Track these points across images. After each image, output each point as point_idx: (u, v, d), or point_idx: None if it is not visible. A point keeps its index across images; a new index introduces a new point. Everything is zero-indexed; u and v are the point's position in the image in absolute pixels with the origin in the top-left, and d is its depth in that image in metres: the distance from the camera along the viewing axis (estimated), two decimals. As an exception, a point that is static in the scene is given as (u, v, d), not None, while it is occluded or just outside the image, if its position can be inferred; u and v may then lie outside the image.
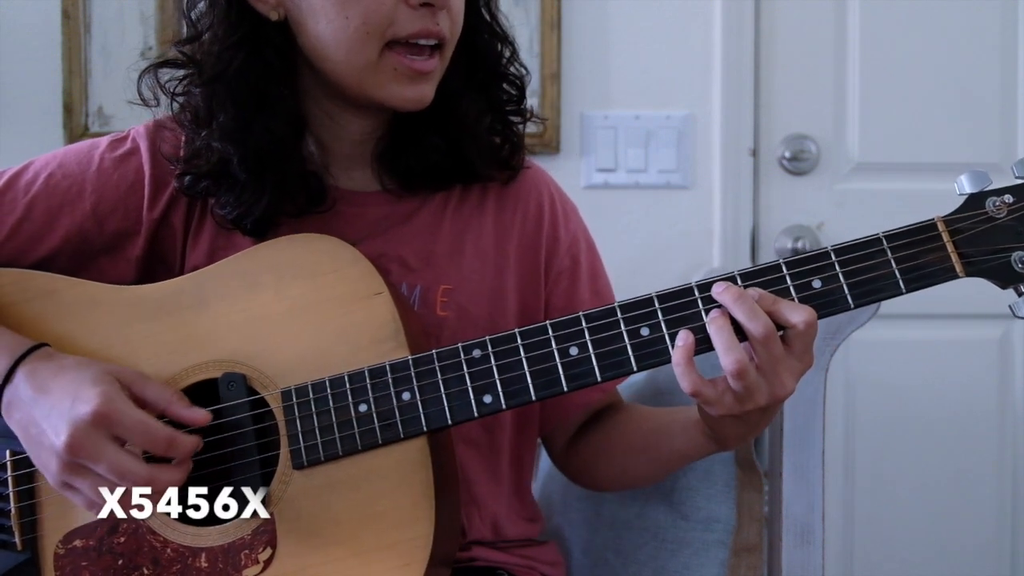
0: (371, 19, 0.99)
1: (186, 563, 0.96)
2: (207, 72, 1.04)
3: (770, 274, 0.91)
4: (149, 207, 1.08)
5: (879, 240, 0.90)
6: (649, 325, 0.91)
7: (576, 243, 1.18)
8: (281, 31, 1.04)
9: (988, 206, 0.89)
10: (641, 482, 1.23)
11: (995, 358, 2.07)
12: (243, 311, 1.00)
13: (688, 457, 1.11)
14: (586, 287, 1.17)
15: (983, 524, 2.08)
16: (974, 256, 0.89)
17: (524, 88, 1.15)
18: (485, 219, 1.14)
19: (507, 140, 1.14)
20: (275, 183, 1.04)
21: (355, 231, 1.05)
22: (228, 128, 1.03)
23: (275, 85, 1.05)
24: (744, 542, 1.28)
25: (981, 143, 2.03)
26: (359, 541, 0.93)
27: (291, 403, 0.96)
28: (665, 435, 1.11)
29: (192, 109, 1.06)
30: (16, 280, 1.04)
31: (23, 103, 1.92)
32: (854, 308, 0.90)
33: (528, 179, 1.18)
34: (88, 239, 1.07)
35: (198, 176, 1.06)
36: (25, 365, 0.95)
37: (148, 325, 1.01)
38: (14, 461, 1.00)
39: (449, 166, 1.12)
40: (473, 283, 1.11)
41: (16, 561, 0.99)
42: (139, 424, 0.89)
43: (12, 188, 1.08)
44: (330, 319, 0.98)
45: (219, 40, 1.03)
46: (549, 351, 0.93)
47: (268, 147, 1.04)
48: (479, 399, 0.94)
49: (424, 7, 1.00)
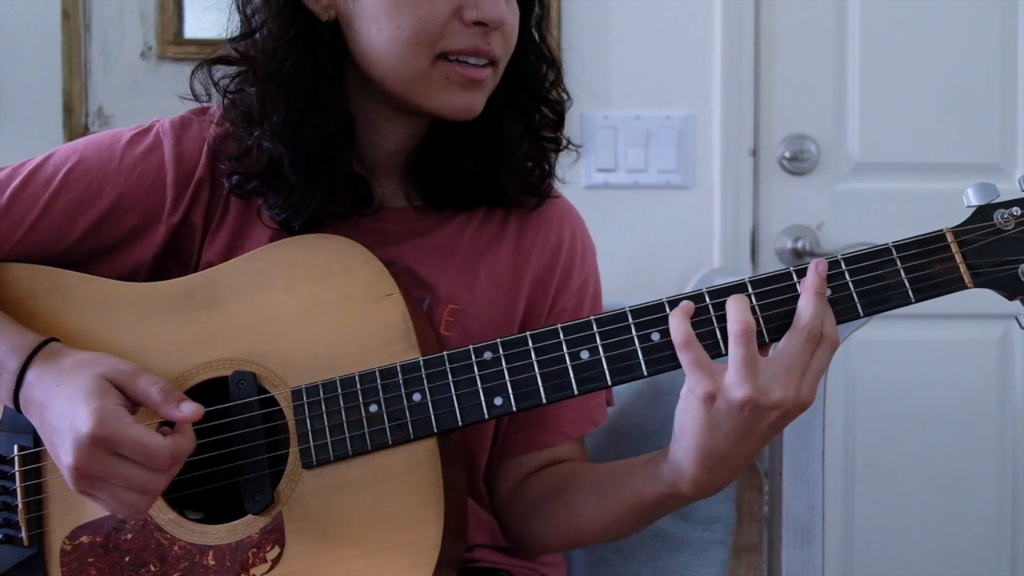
0: (423, 31, 0.98)
1: (193, 561, 0.96)
2: (261, 70, 1.02)
3: (781, 281, 0.91)
4: (171, 210, 1.07)
5: (889, 250, 0.90)
6: (660, 330, 0.92)
7: (586, 286, 1.17)
8: (332, 32, 1.03)
9: (996, 218, 0.89)
10: (588, 531, 1.07)
11: (995, 358, 2.07)
12: (254, 310, 0.99)
13: (642, 497, 1.00)
14: None
15: (983, 524, 2.08)
16: (982, 267, 0.89)
17: (563, 114, 1.14)
18: (504, 245, 1.13)
19: (539, 166, 1.13)
20: (325, 185, 1.04)
21: (368, 239, 1.04)
22: (280, 128, 1.02)
23: (326, 86, 1.04)
24: (744, 542, 1.28)
25: (981, 143, 2.03)
26: (367, 541, 0.93)
27: (301, 402, 0.96)
28: (624, 469, 1.04)
29: (244, 108, 1.04)
30: (29, 275, 1.04)
31: (23, 103, 1.92)
32: (863, 317, 0.90)
33: (553, 211, 1.16)
34: (105, 235, 1.07)
35: (247, 176, 1.05)
36: (33, 368, 0.95)
37: (159, 322, 1.01)
38: (22, 456, 1.00)
39: (479, 188, 1.11)
40: (483, 308, 1.10)
41: (23, 556, 0.99)
42: (138, 447, 0.88)
43: (32, 183, 1.06)
44: (341, 319, 0.98)
45: (273, 37, 1.02)
46: (560, 355, 0.93)
47: (319, 148, 1.03)
48: (490, 401, 0.94)
49: (477, 26, 0.99)
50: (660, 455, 0.98)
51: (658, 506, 1.01)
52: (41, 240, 1.06)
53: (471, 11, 0.98)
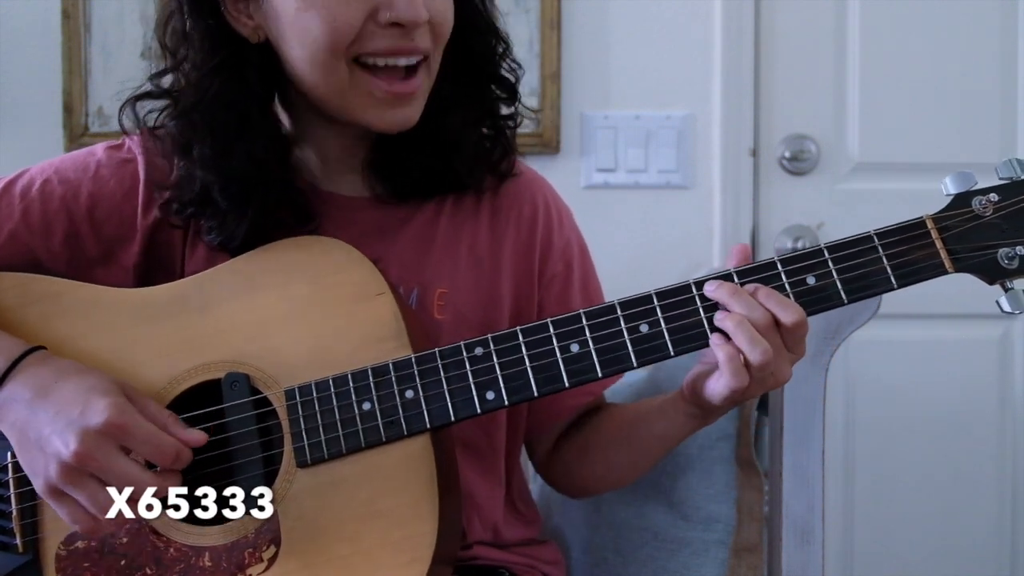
0: (335, 39, 0.97)
1: (189, 563, 0.96)
2: (184, 101, 1.02)
3: (765, 271, 0.93)
4: (143, 213, 1.07)
5: (871, 238, 0.92)
6: (648, 322, 0.93)
7: (569, 248, 1.18)
8: (263, 52, 1.03)
9: (975, 205, 0.91)
10: (624, 477, 1.19)
11: (995, 358, 2.07)
12: (246, 312, 1.00)
13: (667, 439, 1.10)
14: (578, 291, 1.17)
15: (983, 524, 2.08)
16: (962, 252, 0.91)
17: (516, 87, 1.12)
18: (480, 224, 1.14)
19: (497, 144, 1.12)
20: (257, 208, 1.03)
21: (347, 236, 1.04)
22: (207, 157, 1.02)
23: (256, 108, 1.03)
24: (744, 542, 1.28)
25: (981, 143, 2.03)
26: (363, 538, 0.93)
27: (295, 402, 0.96)
28: (643, 421, 1.11)
29: (171, 140, 1.05)
30: (16, 284, 1.04)
31: (23, 103, 1.92)
32: (847, 303, 0.92)
33: (523, 184, 1.17)
34: (84, 245, 1.07)
35: (182, 203, 1.05)
36: (21, 368, 0.95)
37: (151, 327, 1.01)
38: (15, 463, 0.99)
39: (436, 179, 1.10)
40: (468, 288, 1.11)
41: (18, 563, 0.99)
42: (151, 436, 0.90)
43: (8, 194, 1.07)
44: (333, 319, 0.98)
45: (198, 66, 1.02)
46: (550, 348, 0.94)
47: (249, 173, 1.03)
48: (482, 395, 0.94)
49: (395, 27, 0.97)
50: (672, 408, 1.04)
51: (685, 436, 1.09)
52: (20, 249, 1.06)
53: (385, 12, 0.96)
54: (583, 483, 1.22)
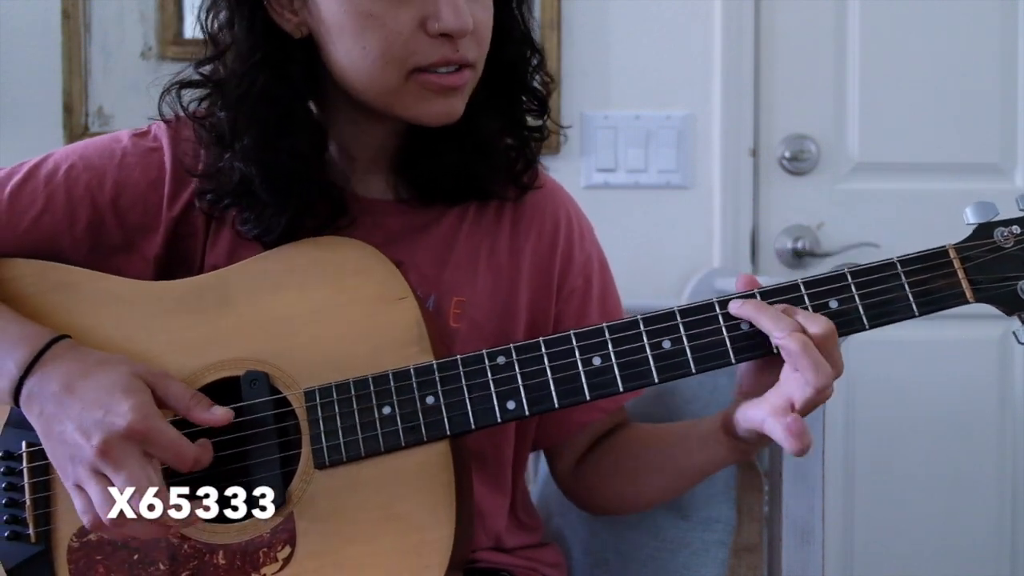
0: (389, 51, 0.97)
1: (203, 560, 0.96)
2: (231, 94, 1.01)
3: (789, 293, 0.93)
4: (168, 205, 1.07)
5: (893, 264, 0.93)
6: (671, 338, 0.93)
7: (590, 263, 1.17)
8: (305, 48, 1.02)
9: (997, 236, 0.92)
10: (654, 500, 1.20)
11: (995, 358, 2.07)
12: (267, 310, 0.99)
13: (707, 471, 1.09)
14: (596, 307, 1.16)
15: (983, 524, 2.08)
16: (983, 283, 0.92)
17: (546, 100, 1.12)
18: (501, 234, 1.13)
19: (521, 156, 1.12)
20: (298, 201, 1.03)
21: (372, 239, 1.03)
22: (252, 150, 1.01)
23: (300, 104, 1.03)
24: (744, 542, 1.28)
25: (981, 143, 2.03)
26: (379, 541, 0.93)
27: (314, 403, 0.96)
28: (682, 450, 1.09)
29: (215, 130, 1.03)
30: (36, 271, 1.04)
31: (23, 103, 1.92)
32: (868, 328, 0.92)
33: (546, 196, 1.16)
34: (107, 233, 1.06)
35: (219, 194, 1.04)
36: (48, 358, 0.94)
37: (170, 321, 1.00)
38: (30, 453, 0.99)
39: (461, 183, 1.10)
40: (485, 297, 1.10)
41: (30, 553, 0.99)
42: (172, 444, 0.89)
43: (33, 179, 1.06)
44: (354, 321, 0.98)
45: (242, 59, 1.01)
46: (572, 360, 0.94)
47: (292, 168, 1.02)
48: (503, 405, 0.94)
49: (443, 37, 0.97)
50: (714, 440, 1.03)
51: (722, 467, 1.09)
52: (44, 235, 1.05)
53: (434, 23, 0.96)
54: (607, 504, 1.21)
